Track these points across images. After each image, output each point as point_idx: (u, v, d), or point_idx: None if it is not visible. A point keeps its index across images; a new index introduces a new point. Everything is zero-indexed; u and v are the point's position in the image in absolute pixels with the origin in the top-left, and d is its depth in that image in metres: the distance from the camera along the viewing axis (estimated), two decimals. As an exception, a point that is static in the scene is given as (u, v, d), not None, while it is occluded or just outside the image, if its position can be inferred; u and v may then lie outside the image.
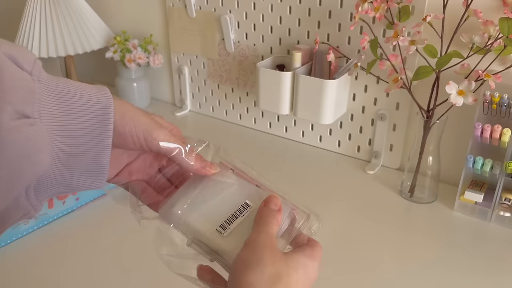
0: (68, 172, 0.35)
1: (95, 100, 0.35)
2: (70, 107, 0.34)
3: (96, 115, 0.35)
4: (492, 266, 0.68)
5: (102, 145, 0.35)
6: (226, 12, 1.05)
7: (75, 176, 0.36)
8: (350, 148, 1.00)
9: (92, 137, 0.35)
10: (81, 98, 0.35)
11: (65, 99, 0.34)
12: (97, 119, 0.35)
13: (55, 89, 0.34)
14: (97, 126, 0.35)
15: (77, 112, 0.34)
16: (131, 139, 0.37)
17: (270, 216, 0.38)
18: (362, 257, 0.70)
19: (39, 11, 1.13)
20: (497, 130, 0.73)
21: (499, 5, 0.73)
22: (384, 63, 0.80)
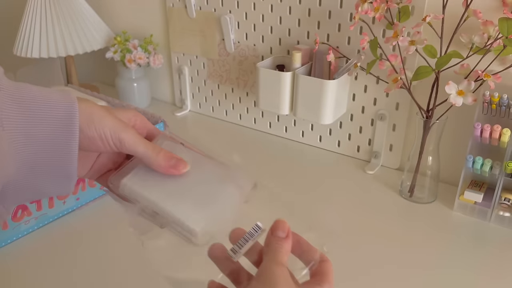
0: (35, 179, 0.35)
1: (59, 106, 0.35)
2: (34, 115, 0.34)
3: (61, 121, 0.34)
4: (492, 266, 0.68)
5: (69, 151, 0.35)
6: (226, 12, 1.05)
7: (43, 183, 0.36)
8: (350, 148, 1.00)
9: (58, 144, 0.35)
10: (45, 105, 0.34)
11: (28, 107, 0.34)
12: (62, 126, 0.34)
13: (17, 96, 0.33)
14: (62, 133, 0.34)
15: (41, 119, 0.34)
16: (101, 143, 0.37)
17: (278, 245, 0.35)
18: (361, 257, 0.70)
19: (40, 11, 1.13)
20: (496, 130, 0.73)
21: (499, 5, 0.73)
22: (384, 63, 0.80)
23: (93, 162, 0.42)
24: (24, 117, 0.33)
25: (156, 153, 0.39)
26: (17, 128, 0.33)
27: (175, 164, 0.39)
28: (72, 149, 0.35)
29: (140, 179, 0.40)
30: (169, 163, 0.39)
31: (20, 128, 0.33)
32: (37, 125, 0.34)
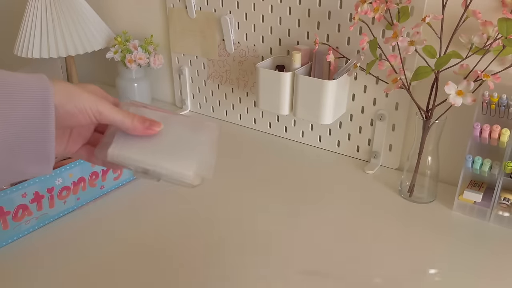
0: (15, 160, 0.37)
1: (34, 87, 0.36)
2: (10, 96, 0.35)
3: (37, 101, 0.36)
4: (491, 265, 0.68)
5: (46, 130, 0.37)
6: (226, 12, 1.05)
7: (22, 163, 0.37)
8: (349, 148, 1.00)
9: (35, 124, 0.36)
10: (20, 87, 0.36)
11: (4, 90, 0.35)
12: (38, 106, 0.36)
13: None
14: (39, 113, 0.36)
15: (17, 101, 0.35)
16: (82, 116, 0.40)
17: None
18: (361, 257, 0.70)
19: (40, 11, 1.13)
20: (495, 130, 0.73)
21: (498, 5, 0.74)
22: (384, 63, 0.80)
23: (67, 139, 0.45)
24: (1, 99, 0.35)
25: (131, 119, 0.43)
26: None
27: (150, 125, 0.44)
28: (49, 127, 0.37)
29: (123, 145, 0.43)
30: (144, 125, 0.43)
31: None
32: (14, 107, 0.35)
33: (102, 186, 0.83)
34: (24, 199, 0.71)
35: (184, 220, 0.78)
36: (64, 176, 0.75)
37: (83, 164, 0.78)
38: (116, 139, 0.44)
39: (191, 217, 0.80)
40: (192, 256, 0.70)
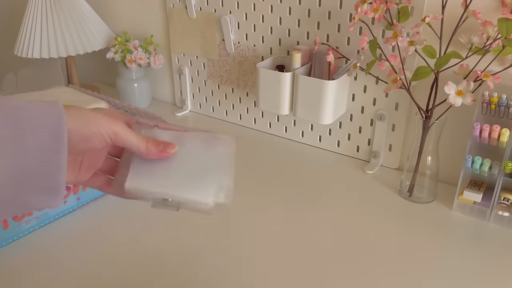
0: (20, 192, 0.34)
1: (47, 113, 0.35)
2: (21, 123, 0.33)
3: (49, 129, 0.34)
4: (491, 266, 0.68)
5: (58, 160, 0.35)
6: (226, 13, 1.05)
7: (29, 196, 0.35)
8: (349, 148, 1.00)
9: (46, 154, 0.34)
10: (33, 113, 0.34)
11: (16, 115, 0.33)
12: (50, 133, 0.34)
13: (4, 106, 0.33)
14: (50, 142, 0.34)
15: (28, 127, 0.34)
16: (97, 139, 0.38)
17: None
18: (361, 257, 0.70)
19: (40, 11, 1.14)
20: (495, 130, 0.73)
21: (498, 5, 0.74)
22: (383, 63, 0.80)
23: (79, 167, 0.43)
24: (12, 125, 0.33)
25: (145, 143, 0.42)
26: (5, 136, 0.33)
27: (164, 148, 0.42)
28: (61, 156, 0.35)
29: (140, 177, 0.42)
30: (158, 148, 0.42)
31: (8, 136, 0.33)
32: (25, 133, 0.33)
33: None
34: (24, 199, 0.71)
35: (184, 220, 0.78)
36: (64, 176, 0.75)
37: (83, 164, 0.78)
38: (131, 170, 0.42)
39: (191, 216, 0.79)
40: (191, 255, 0.70)
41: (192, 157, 0.43)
